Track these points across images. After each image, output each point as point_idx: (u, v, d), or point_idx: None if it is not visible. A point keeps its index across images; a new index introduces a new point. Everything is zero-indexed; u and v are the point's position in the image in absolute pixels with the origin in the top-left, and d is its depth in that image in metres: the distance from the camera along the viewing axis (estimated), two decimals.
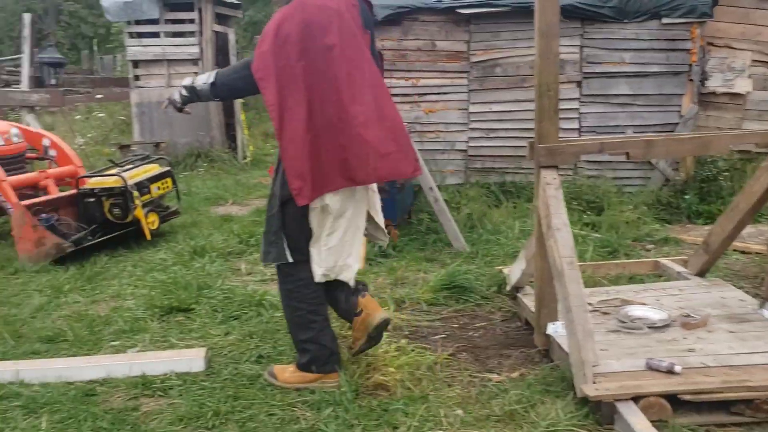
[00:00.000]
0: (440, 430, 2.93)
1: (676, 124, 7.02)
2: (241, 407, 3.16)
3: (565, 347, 3.34)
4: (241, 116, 11.71)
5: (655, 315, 3.64)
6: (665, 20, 6.82)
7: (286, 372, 3.39)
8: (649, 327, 3.53)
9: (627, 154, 3.42)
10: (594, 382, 2.97)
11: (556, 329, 3.56)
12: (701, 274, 4.36)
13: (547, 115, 3.35)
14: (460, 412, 3.07)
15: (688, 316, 3.55)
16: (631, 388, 2.90)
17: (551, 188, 3.36)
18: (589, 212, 6.46)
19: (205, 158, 10.90)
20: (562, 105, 6.99)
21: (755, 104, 7.29)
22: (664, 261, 4.77)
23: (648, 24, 6.87)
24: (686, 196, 6.66)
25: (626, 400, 2.86)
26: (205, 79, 3.20)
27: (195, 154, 10.90)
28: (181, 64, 11.02)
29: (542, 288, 3.56)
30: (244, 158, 11.33)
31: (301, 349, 3.36)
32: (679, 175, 6.97)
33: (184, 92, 3.26)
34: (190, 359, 3.60)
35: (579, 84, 7.00)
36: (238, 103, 11.71)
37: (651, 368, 3.07)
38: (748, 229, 6.06)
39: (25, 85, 9.54)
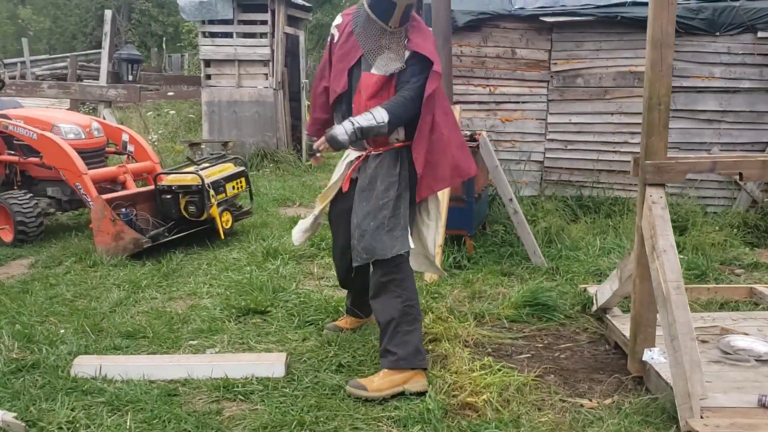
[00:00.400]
0: None
1: (767, 143, 6.71)
2: (324, 418, 3.08)
3: (664, 376, 3.17)
4: (307, 118, 11.75)
5: (762, 347, 3.43)
6: (761, 34, 6.51)
7: (375, 381, 3.30)
8: (756, 360, 3.32)
9: (740, 174, 3.22)
10: (701, 417, 2.79)
11: (652, 356, 3.38)
12: None
13: (657, 129, 3.18)
14: None
15: None
16: (744, 427, 2.71)
17: (657, 207, 3.19)
18: None
19: (271, 159, 10.96)
20: None
21: None
22: (760, 288, 4.52)
23: (741, 37, 6.57)
24: None
25: None
26: (377, 119, 3.25)
27: (261, 155, 10.97)
28: (252, 65, 11.11)
29: (640, 312, 3.38)
30: (307, 160, 11.36)
31: (401, 342, 3.34)
32: (767, 196, 6.65)
33: (358, 134, 3.27)
34: (271, 364, 3.54)
35: None
36: (304, 104, 11.77)
37: (764, 406, 2.87)
38: None
39: (103, 80, 9.75)
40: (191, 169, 6.11)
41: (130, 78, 9.96)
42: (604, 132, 6.90)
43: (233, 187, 6.22)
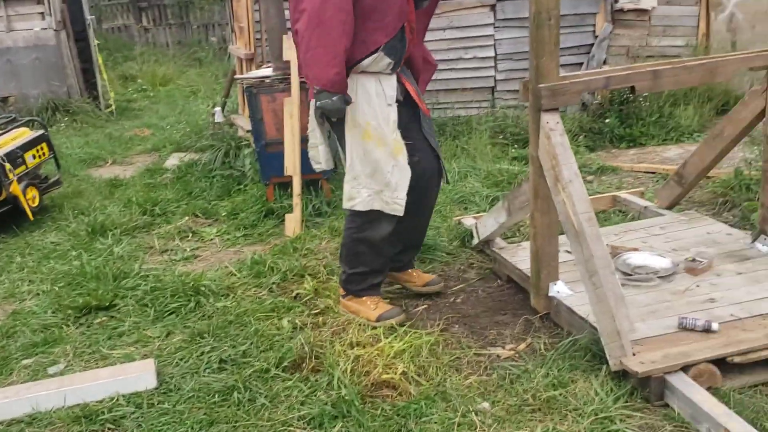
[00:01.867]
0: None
1: (591, 45, 6.82)
2: None
3: (578, 311, 3.00)
4: (99, 59, 10.36)
5: (657, 262, 3.37)
6: None
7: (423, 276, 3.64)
8: (657, 277, 3.25)
9: (632, 88, 3.03)
10: (633, 354, 2.64)
11: (558, 290, 3.21)
12: (671, 207, 4.16)
13: (548, 48, 2.86)
14: (486, 405, 2.65)
15: (693, 260, 3.30)
16: (677, 357, 2.59)
17: (556, 134, 2.92)
18: (516, 146, 6.18)
19: (64, 111, 9.57)
20: (477, 32, 6.66)
21: (660, 20, 7.19)
22: (623, 195, 4.54)
23: None
24: (607, 120, 6.50)
25: (676, 371, 2.56)
26: None
27: (51, 108, 9.54)
28: (22, 3, 9.49)
29: (542, 247, 3.16)
30: (107, 107, 10.09)
31: None
32: (596, 98, 6.79)
33: None
34: (138, 376, 2.92)
35: (493, 8, 6.57)
36: (93, 45, 10.33)
37: (685, 328, 2.79)
38: (676, 150, 6.04)
39: None
40: None
41: None
42: (438, 50, 6.59)
43: (34, 156, 5.20)
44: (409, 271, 3.63)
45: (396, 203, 3.15)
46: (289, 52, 4.68)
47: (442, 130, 6.41)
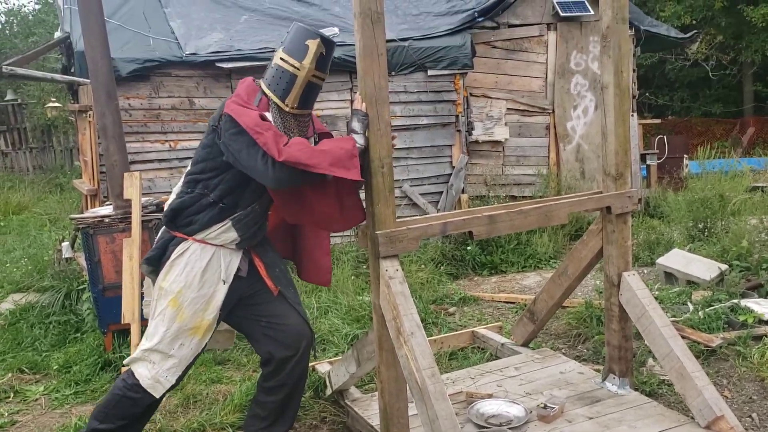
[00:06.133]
0: None
1: (449, 175, 6.98)
2: None
3: None
4: None
5: (511, 409, 3.23)
6: (430, 72, 6.76)
7: None
8: (509, 428, 3.09)
9: (470, 233, 2.97)
10: None
11: None
12: (526, 344, 4.09)
13: (383, 195, 2.77)
14: None
15: (545, 407, 3.17)
16: None
17: (396, 282, 2.78)
18: None
19: None
20: None
21: (512, 150, 7.55)
22: (481, 331, 4.46)
23: (414, 76, 6.75)
24: (468, 248, 6.57)
25: None
26: None
27: None
28: None
29: (389, 403, 2.94)
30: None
31: None
32: None
33: None
34: None
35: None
36: None
37: None
38: (535, 278, 6.13)
39: None
40: None
41: None
42: None
43: None
44: None
45: (159, 382, 2.88)
46: (130, 190, 4.41)
47: None
